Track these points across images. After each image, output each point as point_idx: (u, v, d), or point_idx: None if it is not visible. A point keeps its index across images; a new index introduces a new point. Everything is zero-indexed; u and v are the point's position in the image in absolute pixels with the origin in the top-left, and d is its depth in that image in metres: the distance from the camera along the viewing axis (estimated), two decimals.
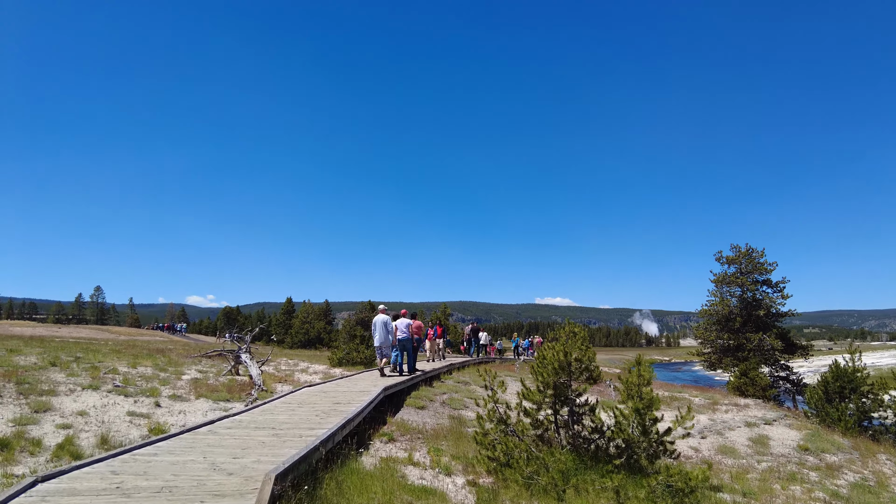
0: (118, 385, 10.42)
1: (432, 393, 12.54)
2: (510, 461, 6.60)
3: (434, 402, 11.72)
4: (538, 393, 7.32)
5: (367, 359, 17.93)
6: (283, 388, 12.46)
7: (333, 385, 11.47)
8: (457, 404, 11.68)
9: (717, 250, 23.03)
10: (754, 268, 22.24)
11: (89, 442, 6.53)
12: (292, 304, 56.40)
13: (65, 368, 12.31)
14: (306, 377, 14.82)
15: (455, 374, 16.71)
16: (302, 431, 6.42)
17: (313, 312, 50.42)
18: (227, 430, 6.44)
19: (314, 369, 17.10)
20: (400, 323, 13.14)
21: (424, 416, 10.39)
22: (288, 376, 14.45)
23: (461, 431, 8.99)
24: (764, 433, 10.94)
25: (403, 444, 7.94)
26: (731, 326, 21.72)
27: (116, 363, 14.28)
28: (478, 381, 15.19)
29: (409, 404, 11.20)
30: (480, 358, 23.78)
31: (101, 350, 18.65)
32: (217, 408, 9.57)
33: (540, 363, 7.29)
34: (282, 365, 18.06)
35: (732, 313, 21.76)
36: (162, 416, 8.44)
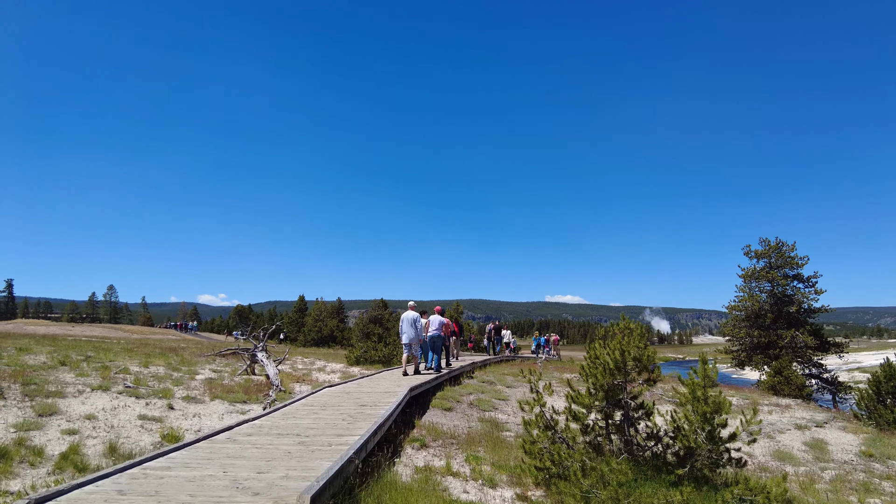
0: (129, 386, 9.84)
1: (458, 393, 11.88)
2: (564, 472, 5.92)
3: (461, 404, 11.05)
4: (588, 396, 6.62)
5: (385, 357, 17.30)
6: (301, 388, 11.86)
7: (355, 385, 10.83)
8: (485, 406, 11.01)
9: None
10: (784, 262, 21.35)
11: (96, 450, 5.93)
12: (305, 303, 55.95)
13: (74, 368, 11.78)
14: (325, 377, 14.22)
15: (478, 374, 16.03)
16: (330, 438, 5.77)
17: (326, 310, 49.92)
18: (247, 437, 5.81)
19: (331, 368, 16.50)
20: (432, 320, 12.91)
21: (453, 419, 9.72)
22: (305, 376, 13.85)
23: (497, 436, 8.31)
24: (818, 437, 10.16)
25: (437, 450, 7.28)
26: (761, 323, 20.84)
27: (128, 362, 13.75)
28: (503, 381, 14.52)
29: (435, 405, 10.55)
30: (501, 356, 23.12)
31: (112, 349, 18.17)
32: (234, 410, 8.97)
33: (591, 363, 6.59)
34: (298, 364, 17.48)
35: (763, 309, 20.88)
36: (175, 420, 7.83)
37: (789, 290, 21.30)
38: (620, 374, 6.36)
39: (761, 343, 20.66)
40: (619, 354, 6.25)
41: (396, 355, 17.63)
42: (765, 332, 20.55)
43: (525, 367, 19.53)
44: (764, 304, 20.92)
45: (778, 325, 20.76)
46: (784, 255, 21.34)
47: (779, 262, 21.45)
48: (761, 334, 20.47)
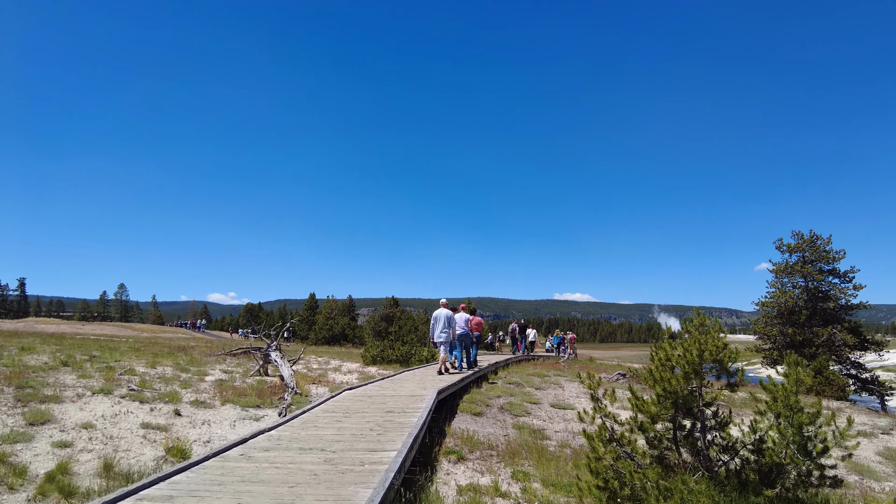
0: (133, 389, 9.07)
1: (486, 396, 11.03)
2: (635, 494, 5.05)
3: (491, 408, 10.20)
4: (655, 404, 5.74)
5: (403, 357, 16.48)
6: (318, 390, 11.05)
7: (377, 388, 10.01)
8: (517, 410, 10.15)
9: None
10: (819, 256, 20.31)
11: (89, 468, 5.12)
12: (315, 300, 55.32)
13: (77, 369, 11.05)
14: (341, 377, 13.41)
15: (502, 374, 15.18)
16: (360, 454, 4.94)
17: (337, 308, 49.23)
18: (264, 452, 4.98)
19: (347, 368, 15.70)
20: (459, 318, 12.58)
21: (486, 426, 8.87)
22: (321, 376, 13.05)
23: (540, 447, 7.45)
24: (891, 446, 9.22)
25: (476, 464, 6.43)
26: (795, 320, 19.82)
27: (134, 363, 13.01)
28: (530, 383, 13.65)
29: (463, 410, 9.71)
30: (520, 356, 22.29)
31: (119, 348, 17.48)
32: (247, 416, 8.16)
33: (660, 366, 5.70)
34: (312, 363, 16.70)
35: (797, 305, 19.85)
36: (182, 429, 7.04)
37: (824, 286, 20.25)
38: (696, 379, 5.48)
39: (796, 341, 19.64)
40: (696, 355, 5.37)
41: (414, 354, 16.81)
42: (800, 330, 19.52)
43: (549, 366, 18.66)
44: (798, 299, 19.87)
45: (813, 322, 19.74)
46: (818, 249, 20.31)
47: (813, 257, 20.41)
48: (796, 332, 19.45)
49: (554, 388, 13.18)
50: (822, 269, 20.14)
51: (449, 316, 12.01)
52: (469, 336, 12.80)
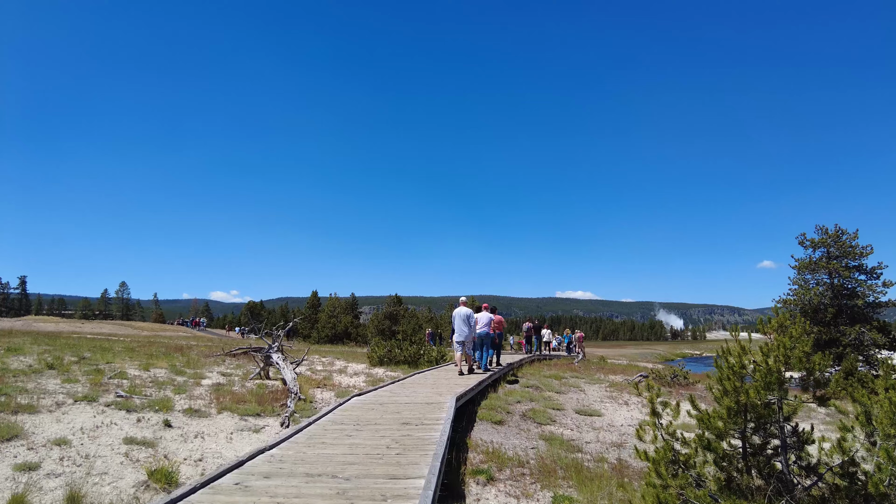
0: (121, 395, 8.24)
1: (505, 402, 10.18)
2: None
3: (512, 415, 9.35)
4: (722, 419, 4.88)
5: (412, 357, 15.64)
6: (323, 395, 10.22)
7: (387, 392, 9.16)
8: (541, 418, 9.29)
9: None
10: (844, 252, 19.41)
11: (52, 499, 4.28)
12: (318, 298, 54.45)
13: (62, 372, 10.23)
14: (347, 380, 12.57)
15: (517, 376, 14.34)
16: (380, 484, 4.10)
17: (340, 306, 48.38)
18: (263, 480, 4.14)
19: (353, 369, 14.87)
20: (482, 316, 12.36)
21: (510, 436, 8.03)
22: (326, 379, 12.21)
23: (576, 463, 6.59)
24: None
25: (509, 486, 5.58)
26: (821, 318, 18.93)
27: (127, 365, 12.20)
28: (549, 386, 12.80)
29: (483, 417, 8.86)
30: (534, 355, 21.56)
31: (113, 349, 16.68)
32: (245, 427, 7.32)
33: (731, 375, 4.84)
34: (316, 364, 15.87)
35: (822, 303, 18.96)
36: (172, 444, 6.19)
37: (849, 283, 19.36)
38: (777, 390, 4.62)
39: (821, 341, 18.75)
40: (778, 362, 4.51)
41: (423, 355, 15.97)
42: (826, 329, 18.63)
43: (565, 368, 17.82)
44: (823, 297, 18.96)
45: (839, 320, 18.85)
46: (844, 245, 19.40)
47: (838, 252, 19.51)
48: (822, 331, 18.55)
49: (575, 392, 12.33)
50: (849, 265, 19.25)
51: (469, 314, 11.62)
52: (491, 336, 12.56)
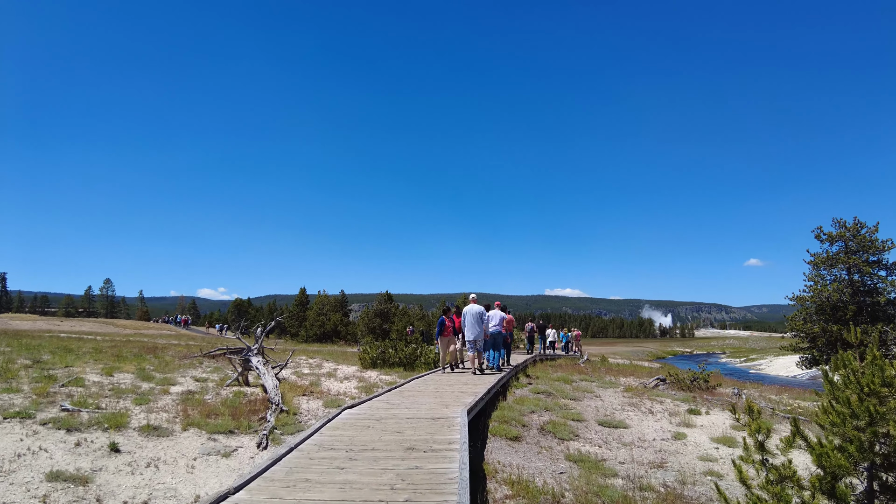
0: (66, 409, 6.89)
1: (518, 412, 8.93)
2: None
3: (529, 429, 8.10)
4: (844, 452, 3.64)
5: (408, 359, 14.36)
6: (309, 405, 8.91)
7: (384, 403, 7.87)
8: (561, 431, 8.05)
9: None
10: (863, 246, 18.38)
11: None
12: (306, 296, 52.97)
13: (7, 379, 8.83)
14: (337, 386, 11.26)
15: (524, 379, 13.11)
16: None
17: (329, 304, 46.93)
18: None
19: (344, 372, 13.56)
20: (493, 315, 12.20)
21: (531, 457, 6.78)
22: (313, 385, 10.90)
23: (626, 498, 5.33)
24: None
25: None
26: (840, 316, 17.89)
27: (88, 369, 10.81)
28: (560, 391, 11.58)
29: (497, 433, 7.61)
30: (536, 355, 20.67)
31: (81, 349, 15.24)
32: (213, 450, 6.00)
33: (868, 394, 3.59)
34: (303, 367, 14.53)
35: (842, 300, 17.90)
36: (113, 479, 4.87)
37: (868, 279, 18.33)
38: None
39: (841, 339, 17.71)
40: None
41: (420, 356, 14.69)
42: (845, 327, 17.56)
43: (571, 369, 16.61)
44: (843, 293, 17.91)
45: (859, 318, 17.81)
46: (864, 239, 18.36)
47: (857, 246, 18.47)
48: (842, 329, 17.49)
49: (591, 399, 11.11)
50: (869, 260, 18.22)
51: (482, 312, 11.47)
52: (503, 335, 12.45)
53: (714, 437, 8.34)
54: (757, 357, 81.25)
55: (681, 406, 10.60)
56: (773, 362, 67.20)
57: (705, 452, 7.58)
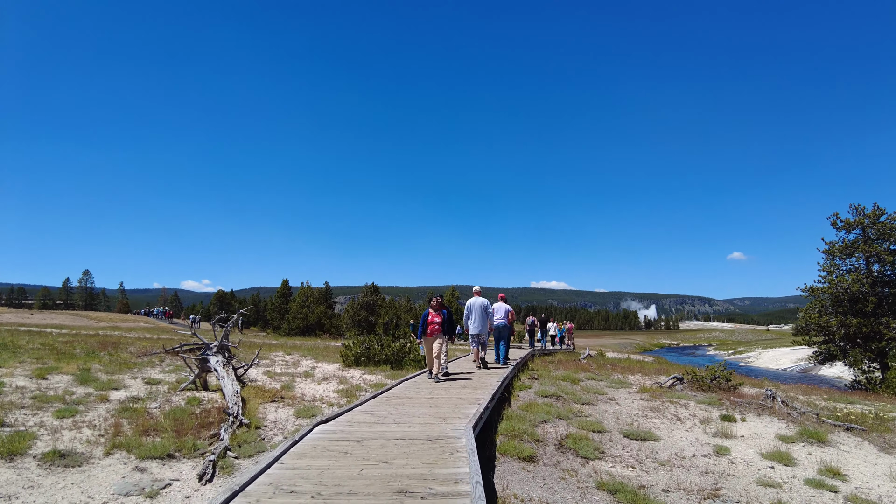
0: None
1: (528, 421, 7.48)
2: None
3: (545, 445, 6.66)
4: None
5: (395, 356, 12.86)
6: (277, 415, 7.39)
7: (367, 416, 6.37)
8: (584, 448, 6.61)
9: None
10: (882, 234, 17.16)
11: None
12: (289, 287, 51.12)
13: None
14: (314, 388, 9.73)
15: (526, 378, 11.69)
16: None
17: (312, 296, 45.15)
18: None
19: (323, 371, 12.03)
20: (498, 308, 11.95)
21: (555, 487, 5.33)
22: (286, 388, 9.37)
23: None
24: None
25: None
26: (860, 309, 16.67)
27: (18, 370, 9.17)
28: (569, 392, 10.17)
29: (507, 451, 6.15)
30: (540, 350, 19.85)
31: (27, 346, 13.52)
32: (136, 487, 4.48)
33: None
34: (277, 364, 12.97)
35: (861, 291, 16.67)
36: None
37: (890, 269, 17.11)
38: None
39: (861, 334, 16.51)
40: None
41: (410, 353, 13.20)
42: (865, 321, 16.35)
43: (574, 366, 15.22)
44: (863, 284, 16.66)
45: (880, 311, 16.60)
46: (884, 226, 17.13)
47: (876, 234, 17.24)
48: (862, 323, 16.27)
49: (605, 402, 9.70)
50: (890, 248, 16.99)
51: (487, 305, 11.04)
52: (508, 328, 12.12)
53: (764, 451, 6.95)
54: (745, 349, 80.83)
55: (710, 411, 9.23)
56: (762, 355, 66.78)
57: (762, 474, 6.19)
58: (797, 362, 52.45)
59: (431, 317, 9.57)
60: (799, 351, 63.57)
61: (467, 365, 12.56)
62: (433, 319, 9.56)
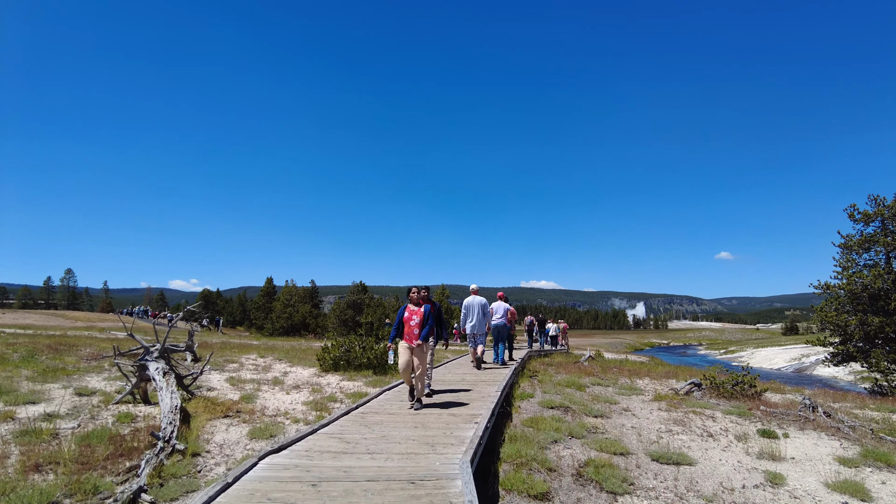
0: None
1: (535, 443, 6.10)
2: None
3: (560, 475, 5.29)
4: None
5: (377, 360, 11.44)
6: (227, 436, 5.96)
7: (335, 437, 4.97)
8: (608, 479, 5.24)
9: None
10: None
11: None
12: (273, 286, 49.45)
13: None
14: (279, 399, 8.29)
15: (526, 385, 10.32)
16: None
17: (297, 295, 43.53)
18: None
19: (295, 377, 10.59)
20: (498, 307, 11.54)
21: None
22: (246, 399, 7.93)
23: None
24: None
25: None
26: (882, 306, 15.47)
27: None
28: (578, 403, 8.83)
29: (512, 485, 4.79)
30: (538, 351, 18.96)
31: None
32: None
33: None
34: (246, 369, 11.52)
35: (883, 288, 15.46)
36: None
37: None
38: None
39: (884, 333, 15.30)
40: None
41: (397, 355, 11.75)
42: (889, 321, 15.13)
43: (575, 370, 13.87)
44: (885, 280, 15.43)
45: None
46: None
47: None
48: (884, 321, 15.06)
49: (620, 414, 8.35)
50: None
51: (485, 304, 10.59)
52: (508, 327, 11.65)
53: (829, 481, 5.61)
54: (737, 349, 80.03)
55: (742, 424, 7.90)
56: (755, 354, 65.97)
57: None
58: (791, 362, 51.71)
59: (409, 314, 6.93)
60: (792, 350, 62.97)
61: (462, 368, 11.19)
62: (411, 317, 6.91)
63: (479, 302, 10.53)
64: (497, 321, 11.37)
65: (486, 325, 10.70)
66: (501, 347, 11.76)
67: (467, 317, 10.52)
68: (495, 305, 11.55)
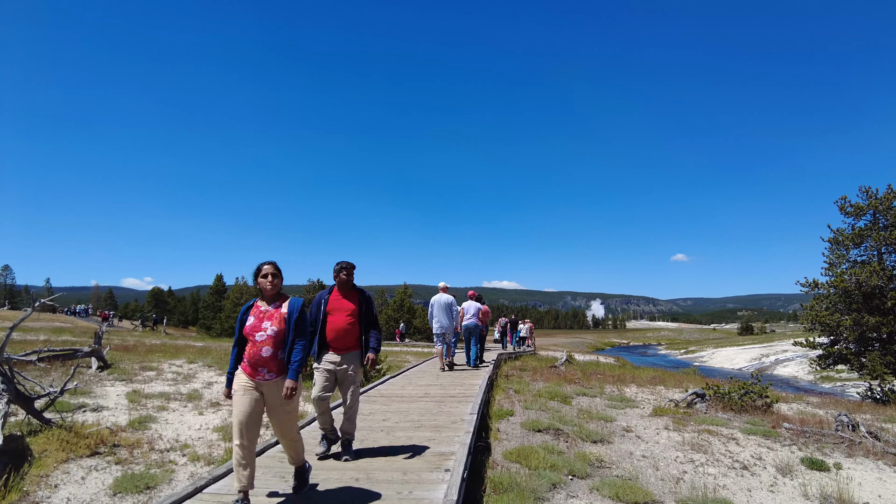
0: None
1: (529, 490, 4.34)
2: None
3: None
4: None
5: None
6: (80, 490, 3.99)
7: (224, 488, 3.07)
8: None
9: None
10: None
11: None
12: (223, 284, 46.50)
13: None
14: (186, 422, 6.30)
15: (501, 396, 8.59)
16: None
17: (248, 293, 40.92)
18: None
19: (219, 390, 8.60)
20: (468, 306, 11.02)
21: None
22: (136, 425, 5.93)
23: None
24: None
25: None
26: (877, 305, 14.38)
27: None
28: (569, 422, 7.18)
29: None
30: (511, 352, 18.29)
31: None
32: None
33: None
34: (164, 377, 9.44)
35: (879, 286, 14.36)
36: None
37: None
38: None
39: (879, 334, 14.20)
40: None
41: None
42: (884, 320, 14.03)
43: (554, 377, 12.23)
44: (881, 277, 14.32)
45: None
46: None
47: (889, 220, 14.98)
48: (880, 322, 13.96)
49: (623, 437, 6.70)
50: None
51: (450, 302, 10.03)
52: (479, 327, 11.10)
53: None
54: (696, 349, 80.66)
55: (776, 449, 6.34)
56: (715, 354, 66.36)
57: None
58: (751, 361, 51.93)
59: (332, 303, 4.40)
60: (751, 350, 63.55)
61: (426, 378, 9.36)
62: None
63: (444, 300, 10.08)
64: (468, 321, 10.96)
65: (457, 325, 10.32)
66: (474, 349, 11.19)
67: (432, 316, 10.13)
68: (466, 305, 11.09)
